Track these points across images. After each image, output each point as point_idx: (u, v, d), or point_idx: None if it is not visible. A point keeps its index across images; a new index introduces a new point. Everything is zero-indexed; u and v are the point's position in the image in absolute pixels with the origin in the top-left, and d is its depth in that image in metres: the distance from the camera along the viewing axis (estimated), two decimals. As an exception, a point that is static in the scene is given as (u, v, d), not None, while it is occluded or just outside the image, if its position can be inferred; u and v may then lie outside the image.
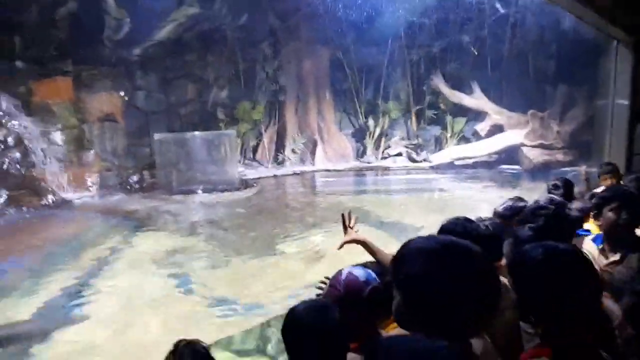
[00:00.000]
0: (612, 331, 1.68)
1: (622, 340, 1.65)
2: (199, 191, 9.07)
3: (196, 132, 9.71)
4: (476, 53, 13.25)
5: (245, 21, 12.77)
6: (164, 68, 12.53)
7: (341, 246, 2.43)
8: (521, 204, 2.80)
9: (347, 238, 2.42)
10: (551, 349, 1.30)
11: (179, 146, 9.51)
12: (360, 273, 1.66)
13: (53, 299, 4.45)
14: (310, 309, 1.46)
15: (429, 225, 6.62)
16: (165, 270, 5.22)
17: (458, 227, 2.03)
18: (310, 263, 5.26)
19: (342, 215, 2.46)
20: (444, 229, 2.06)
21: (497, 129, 13.32)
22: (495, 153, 13.03)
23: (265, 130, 13.65)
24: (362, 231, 2.50)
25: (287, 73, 13.64)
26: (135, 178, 9.61)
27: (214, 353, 1.68)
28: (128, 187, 9.57)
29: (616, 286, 1.90)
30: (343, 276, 1.64)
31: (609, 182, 4.57)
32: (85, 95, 10.53)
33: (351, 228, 2.46)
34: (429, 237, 1.30)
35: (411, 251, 1.23)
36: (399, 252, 1.26)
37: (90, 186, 9.23)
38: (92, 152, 9.75)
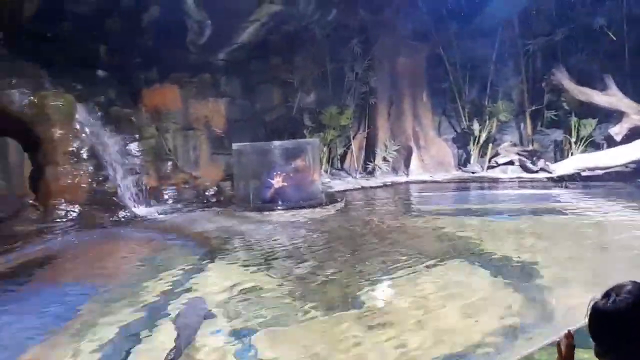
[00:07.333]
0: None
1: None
2: (278, 208, 8.11)
3: (276, 142, 8.78)
4: (614, 38, 10.81)
5: (333, 17, 11.70)
6: (249, 72, 11.93)
7: None
8: None
9: None
10: None
11: (258, 157, 8.65)
12: None
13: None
14: None
15: (557, 264, 5.00)
16: (224, 321, 4.03)
17: None
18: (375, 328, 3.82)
19: (558, 344, 1.81)
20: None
21: (637, 132, 10.87)
22: (634, 162, 10.62)
23: (354, 137, 12.47)
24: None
25: (379, 73, 12.33)
26: (212, 191, 8.92)
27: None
28: (205, 201, 8.90)
29: None
30: None
31: None
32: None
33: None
34: None
35: None
36: None
37: (165, 200, 8.73)
38: (169, 163, 9.27)
